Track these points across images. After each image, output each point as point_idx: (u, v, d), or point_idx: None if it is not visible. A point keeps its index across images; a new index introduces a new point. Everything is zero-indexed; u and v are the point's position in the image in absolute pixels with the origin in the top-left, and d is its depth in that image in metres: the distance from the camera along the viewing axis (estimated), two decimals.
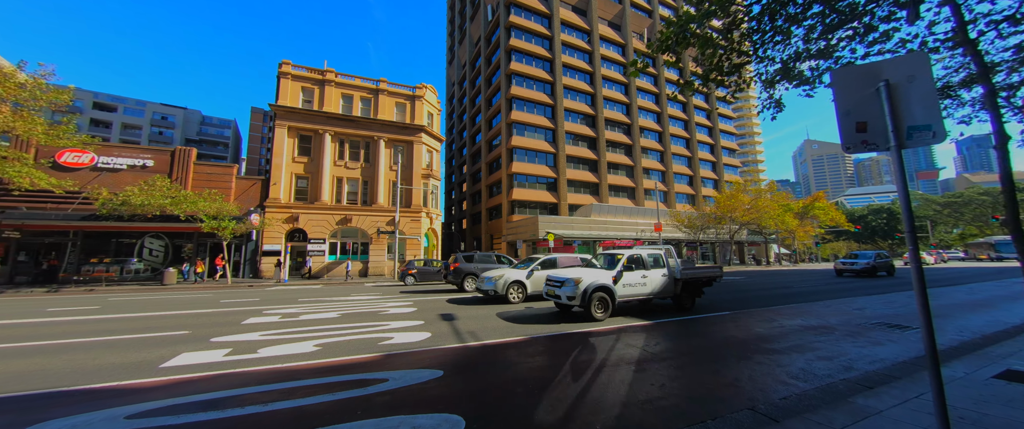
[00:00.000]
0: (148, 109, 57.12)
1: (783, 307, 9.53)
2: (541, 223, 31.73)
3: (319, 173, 25.13)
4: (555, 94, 42.48)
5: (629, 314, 8.48)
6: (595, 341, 6.00)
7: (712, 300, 10.82)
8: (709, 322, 7.57)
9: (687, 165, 53.16)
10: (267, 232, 23.22)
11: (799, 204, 43.78)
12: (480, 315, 8.49)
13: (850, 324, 7.30)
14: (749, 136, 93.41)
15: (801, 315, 8.30)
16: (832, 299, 11.05)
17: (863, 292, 12.73)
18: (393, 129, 27.54)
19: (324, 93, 26.15)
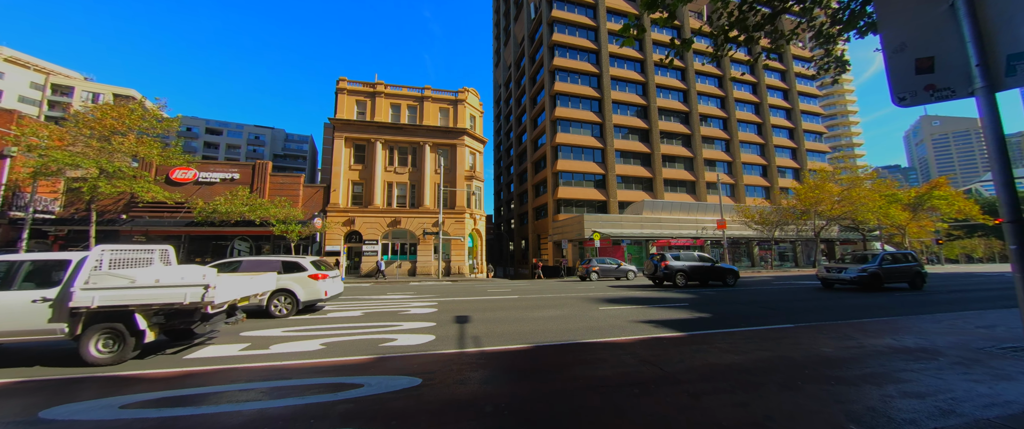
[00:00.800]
0: (244, 131, 67.05)
1: (869, 321, 7.66)
2: (587, 222, 30.41)
3: (372, 179, 26.97)
4: (602, 87, 40.57)
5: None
6: (603, 354, 5.28)
7: (764, 309, 9.16)
8: (757, 337, 6.31)
9: (760, 154, 47.15)
10: (328, 234, 25.53)
11: (911, 193, 36.13)
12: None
13: (967, 347, 5.53)
14: (842, 116, 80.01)
15: (893, 333, 6.54)
16: (945, 312, 8.66)
17: (988, 304, 9.83)
18: (437, 134, 28.52)
19: (375, 104, 28.03)
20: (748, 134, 46.53)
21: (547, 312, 9.01)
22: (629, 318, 8.20)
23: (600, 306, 10.02)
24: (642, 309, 9.33)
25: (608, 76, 40.64)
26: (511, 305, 10.34)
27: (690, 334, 6.58)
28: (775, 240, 35.95)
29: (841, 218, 33.24)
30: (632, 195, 39.16)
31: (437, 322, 7.79)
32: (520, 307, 9.89)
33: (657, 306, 9.90)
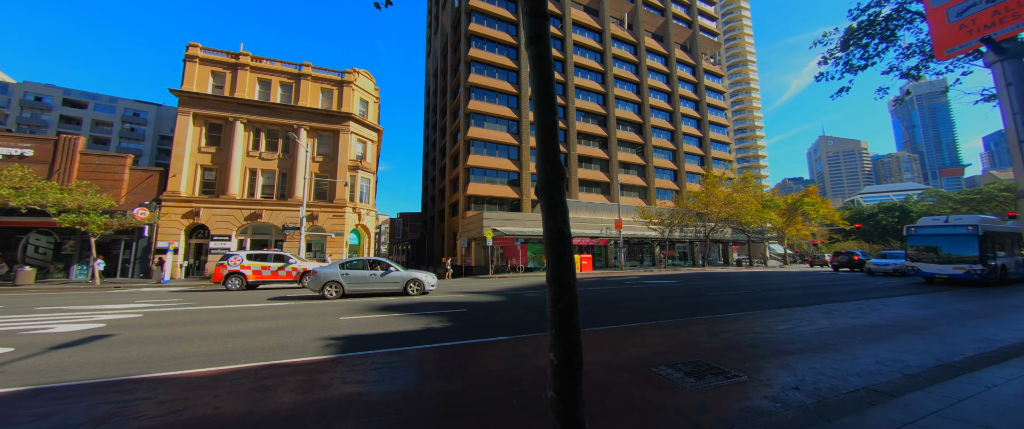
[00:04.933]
0: (119, 106, 56.53)
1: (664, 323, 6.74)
2: (486, 220, 29.10)
3: (228, 164, 23.03)
4: (520, 83, 39.73)
5: None
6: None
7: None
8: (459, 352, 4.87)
9: (671, 159, 49.69)
10: (162, 228, 21.22)
11: (785, 199, 39.96)
12: None
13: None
14: (750, 131, 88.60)
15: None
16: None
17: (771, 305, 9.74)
18: (317, 117, 25.28)
19: (237, 77, 24.05)
20: (661, 140, 48.77)
21: (263, 324, 7.04)
22: (347, 333, 6.49)
23: (345, 317, 8.25)
24: (392, 319, 7.72)
25: (527, 73, 39.84)
26: (255, 316, 8.19)
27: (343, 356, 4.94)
28: (673, 241, 37.66)
29: (728, 220, 35.64)
30: None
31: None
32: (256, 317, 7.80)
33: (418, 315, 8.38)
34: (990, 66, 3.74)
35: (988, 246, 13.68)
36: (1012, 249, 15.41)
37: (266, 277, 15.91)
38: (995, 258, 13.90)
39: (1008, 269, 14.48)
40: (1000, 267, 14.03)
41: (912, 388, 3.69)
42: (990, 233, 13.97)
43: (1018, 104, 3.52)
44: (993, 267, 13.59)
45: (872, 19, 7.87)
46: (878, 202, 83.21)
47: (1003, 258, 14.44)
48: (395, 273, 12.30)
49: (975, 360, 4.72)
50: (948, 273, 13.95)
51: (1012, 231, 15.67)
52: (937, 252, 14.69)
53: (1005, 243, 15.00)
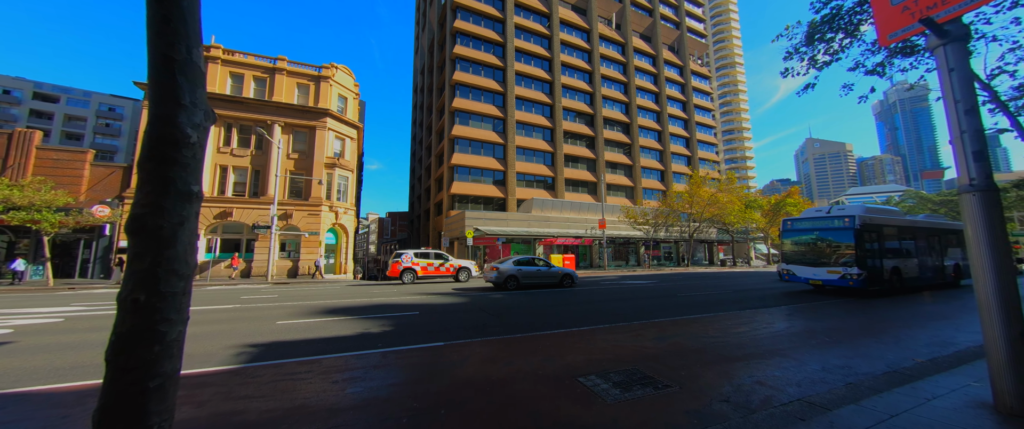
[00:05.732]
0: (94, 100, 54.64)
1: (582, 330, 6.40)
2: (468, 219, 28.66)
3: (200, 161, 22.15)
4: (506, 82, 39.32)
5: None
6: None
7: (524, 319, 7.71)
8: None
9: (658, 159, 49.78)
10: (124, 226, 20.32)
11: (769, 200, 40.27)
12: None
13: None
14: (738, 132, 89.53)
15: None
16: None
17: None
18: (292, 113, 24.54)
19: (207, 71, 23.18)
20: (648, 140, 48.81)
21: (193, 329, 6.53)
22: (273, 339, 6.02)
23: (282, 321, 7.78)
24: (332, 323, 7.27)
25: (513, 71, 39.49)
26: (198, 319, 7.67)
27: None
28: (659, 240, 37.65)
29: (713, 220, 35.74)
30: (534, 193, 38.43)
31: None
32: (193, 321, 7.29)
33: (365, 318, 7.94)
34: (932, 52, 3.46)
35: (871, 244, 10.87)
36: (920, 249, 12.77)
37: (430, 272, 18.55)
38: (881, 260, 10.98)
39: (904, 274, 11.59)
40: (891, 271, 11.14)
41: (849, 400, 3.39)
42: (874, 226, 11.09)
43: (960, 92, 3.24)
44: (876, 271, 10.65)
45: (835, 12, 7.65)
46: (861, 203, 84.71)
47: (898, 260, 11.63)
48: (553, 269, 14.92)
49: (925, 366, 4.46)
50: (821, 279, 11.04)
51: (916, 226, 13.02)
52: (813, 251, 11.81)
53: (904, 241, 12.39)
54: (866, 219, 10.97)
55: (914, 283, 12.16)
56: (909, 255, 12.41)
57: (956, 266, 14.30)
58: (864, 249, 10.67)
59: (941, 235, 14.10)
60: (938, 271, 13.40)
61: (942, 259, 13.81)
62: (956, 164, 3.28)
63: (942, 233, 14.20)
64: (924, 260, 12.88)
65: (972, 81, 3.30)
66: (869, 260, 10.68)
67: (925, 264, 12.87)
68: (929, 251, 13.27)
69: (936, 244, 13.79)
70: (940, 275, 13.44)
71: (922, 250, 12.98)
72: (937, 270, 13.36)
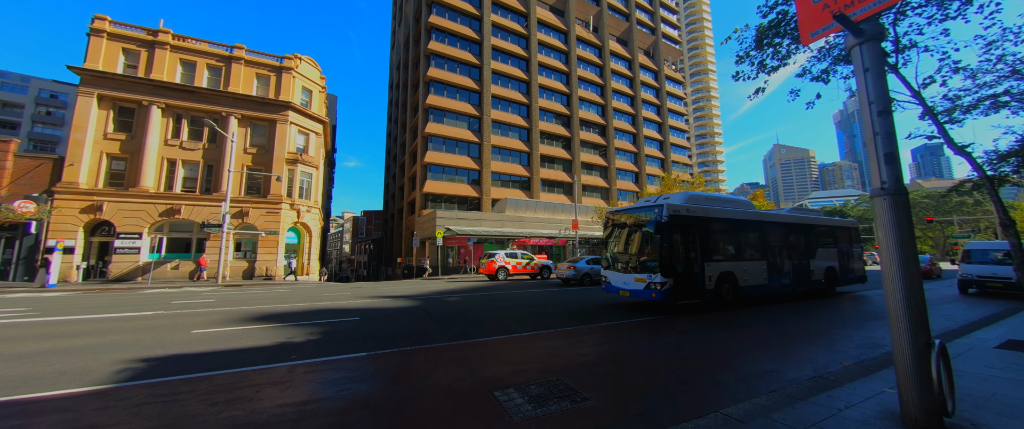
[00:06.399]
0: (33, 86, 50.08)
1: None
2: (440, 219, 28.05)
3: (141, 153, 20.56)
4: (482, 80, 38.86)
5: None
6: None
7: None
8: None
9: (633, 161, 50.64)
10: (55, 224, 18.55)
11: None
12: None
13: None
14: (710, 137, 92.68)
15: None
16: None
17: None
18: (250, 105, 23.18)
19: (154, 57, 21.55)
20: (623, 142, 49.57)
21: (81, 341, 5.78)
22: (177, 352, 5.40)
23: (199, 330, 7.12)
24: (257, 331, 6.68)
25: (489, 70, 39.08)
26: (84, 330, 6.84)
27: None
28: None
29: None
30: (509, 193, 38.15)
31: None
32: (86, 333, 6.48)
33: (293, 325, 7.39)
34: (848, 52, 3.38)
35: (685, 243, 8.49)
36: (773, 250, 10.49)
37: (520, 270, 19.97)
38: (703, 263, 8.63)
39: (744, 281, 9.32)
40: (719, 278, 8.80)
41: (775, 408, 3.24)
42: (689, 221, 8.63)
43: (874, 93, 3.16)
44: (689, 278, 8.37)
45: (781, 17, 7.72)
46: (821, 206, 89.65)
47: (732, 263, 9.29)
48: None
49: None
50: (629, 288, 8.56)
51: (764, 221, 10.56)
52: (626, 253, 9.22)
53: (747, 240, 10.02)
54: (677, 210, 8.42)
55: (760, 292, 9.80)
56: (754, 257, 9.95)
57: (830, 270, 12.06)
58: (671, 249, 8.17)
59: (807, 233, 11.77)
60: (801, 276, 11.10)
61: (809, 261, 11.46)
62: (869, 166, 3.19)
63: (808, 230, 11.84)
64: (779, 263, 10.53)
65: (886, 82, 3.22)
66: (680, 264, 8.31)
67: (780, 268, 10.48)
68: (788, 252, 10.94)
69: (800, 244, 11.42)
70: (803, 281, 11.12)
71: (776, 251, 10.60)
72: (800, 275, 11.07)
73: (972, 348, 5.42)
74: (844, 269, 12.72)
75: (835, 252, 12.57)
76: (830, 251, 12.43)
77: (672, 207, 8.40)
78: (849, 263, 13.09)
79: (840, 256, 12.67)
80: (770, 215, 11.19)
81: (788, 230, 11.29)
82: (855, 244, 13.57)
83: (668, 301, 8.01)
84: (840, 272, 12.47)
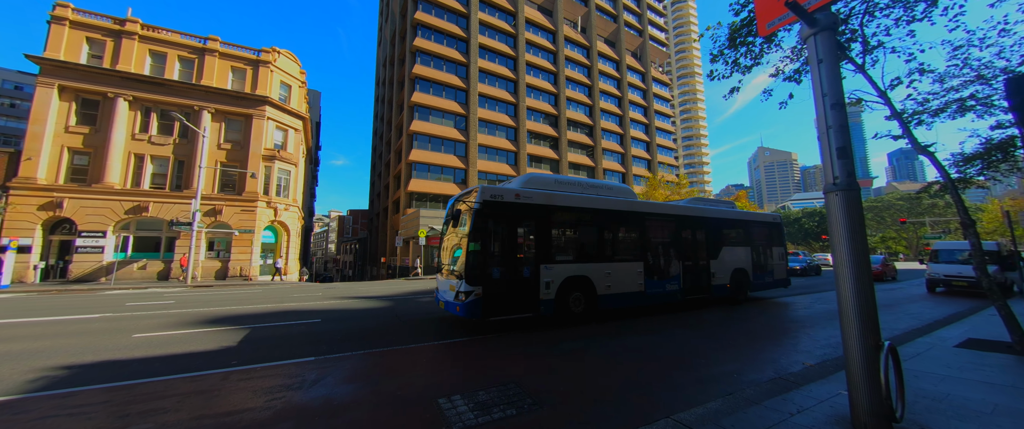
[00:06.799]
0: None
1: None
2: (424, 218, 27.65)
3: (106, 147, 19.61)
4: (469, 78, 38.51)
5: None
6: None
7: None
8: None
9: (620, 162, 50.95)
10: (10, 221, 17.53)
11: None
12: None
13: None
14: (696, 139, 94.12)
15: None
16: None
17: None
18: (224, 99, 22.37)
19: (121, 48, 20.59)
20: (610, 143, 49.84)
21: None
22: (104, 358, 5.02)
23: (142, 334, 6.71)
24: (215, 336, 6.31)
25: (476, 68, 38.76)
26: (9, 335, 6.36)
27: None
28: None
29: None
30: None
31: None
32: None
33: (253, 327, 7.03)
34: (804, 42, 3.27)
35: (509, 240, 6.63)
36: (654, 248, 8.59)
37: None
38: (536, 264, 6.68)
39: (605, 289, 7.40)
40: (563, 285, 6.84)
41: (726, 413, 3.09)
42: (513, 210, 6.63)
43: (828, 85, 3.05)
44: (510, 287, 6.40)
45: (753, 15, 7.68)
46: (803, 208, 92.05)
47: (583, 266, 7.25)
48: None
49: None
50: (444, 299, 6.85)
51: (642, 212, 8.60)
52: (448, 252, 7.41)
53: (612, 235, 8.07)
54: (497, 196, 6.41)
55: (631, 302, 7.82)
56: (624, 257, 8.02)
57: (739, 273, 10.19)
58: (483, 248, 6.17)
59: (708, 229, 9.79)
60: (696, 280, 9.16)
61: (708, 262, 9.56)
62: (822, 161, 3.07)
63: (709, 225, 9.85)
64: (662, 264, 8.69)
65: (840, 75, 3.11)
66: (496, 267, 6.26)
67: (663, 270, 8.60)
68: (677, 251, 9.00)
69: (696, 241, 9.51)
70: (699, 286, 9.22)
71: (660, 250, 8.78)
72: (695, 279, 9.12)
73: (933, 347, 5.44)
74: (759, 271, 10.84)
75: (747, 252, 10.68)
76: (740, 251, 10.53)
77: (489, 192, 6.36)
78: (766, 264, 11.18)
79: (754, 256, 10.80)
80: (649, 206, 9.05)
81: (679, 225, 9.25)
82: (776, 243, 11.84)
83: (474, 316, 5.90)
84: (753, 275, 10.60)
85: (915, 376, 4.02)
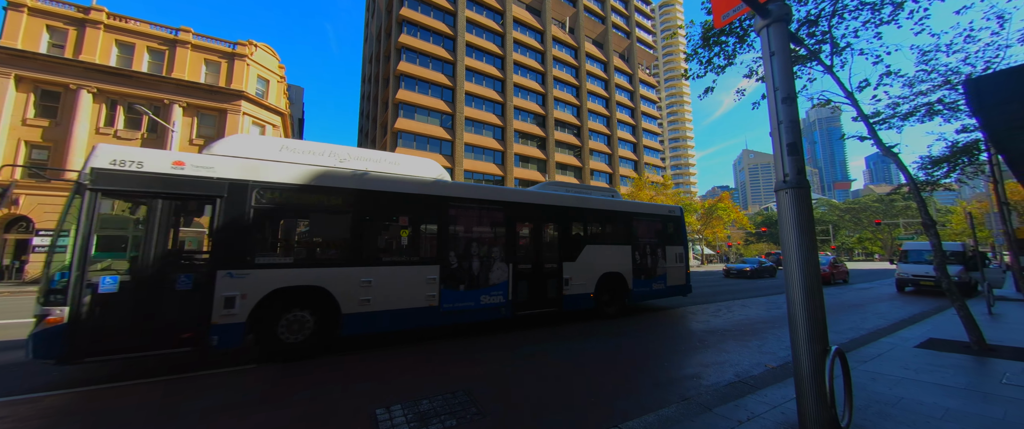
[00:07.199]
0: None
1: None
2: None
3: (67, 142, 18.65)
4: (455, 76, 38.15)
5: None
6: None
7: None
8: None
9: (607, 163, 51.25)
10: None
11: (703, 204, 43.01)
12: None
13: None
14: (682, 141, 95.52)
15: None
16: None
17: None
18: (197, 93, 21.55)
19: (85, 37, 19.63)
20: (597, 143, 50.09)
21: None
22: None
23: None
24: None
25: (463, 66, 38.41)
26: None
27: None
28: None
29: None
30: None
31: None
32: None
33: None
34: (757, 33, 3.16)
35: (117, 231, 5.68)
36: (450, 245, 6.29)
37: None
38: (168, 278, 4.48)
39: (355, 312, 5.24)
40: (264, 305, 4.71)
41: (677, 421, 2.94)
42: (132, 181, 4.47)
43: (780, 78, 2.93)
44: (106, 305, 4.11)
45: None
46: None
47: (326, 273, 5.18)
48: None
49: None
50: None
51: (388, 189, 5.93)
52: None
53: (339, 227, 5.63)
54: (118, 163, 4.45)
55: (410, 322, 5.69)
56: (395, 259, 5.91)
57: (612, 280, 8.06)
58: (79, 247, 4.25)
59: (559, 221, 7.63)
60: (537, 290, 7.08)
61: (559, 264, 7.37)
62: (774, 157, 2.95)
63: (560, 217, 7.65)
64: (474, 269, 6.42)
65: (791, 68, 3.00)
66: (108, 277, 4.29)
67: (475, 277, 6.38)
68: (505, 251, 6.76)
69: (540, 237, 7.42)
70: (542, 297, 7.12)
71: (469, 249, 6.47)
72: (534, 288, 7.05)
73: (894, 347, 5.44)
74: (644, 276, 8.63)
75: (626, 252, 8.43)
76: (614, 251, 8.26)
77: (110, 155, 4.40)
78: (654, 267, 8.93)
79: (638, 258, 8.61)
80: (450, 188, 6.47)
81: (508, 215, 6.88)
82: (673, 242, 9.59)
83: (52, 357, 3.82)
84: (635, 281, 8.41)
85: (872, 379, 3.97)
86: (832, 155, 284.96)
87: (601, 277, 7.89)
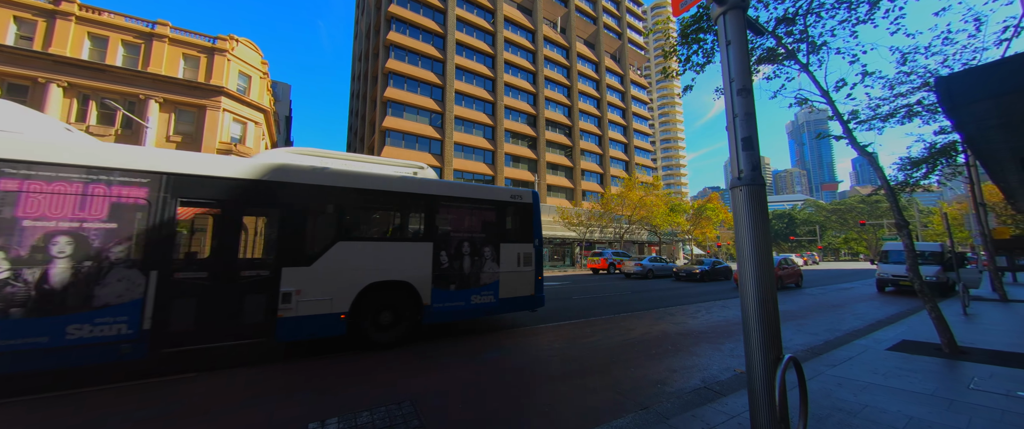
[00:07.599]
0: None
1: None
2: None
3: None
4: (445, 74, 37.78)
5: None
6: None
7: None
8: None
9: (598, 163, 51.29)
10: None
11: (693, 204, 43.25)
12: None
13: None
14: (673, 142, 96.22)
15: None
16: None
17: None
18: (174, 88, 20.91)
19: (55, 29, 18.90)
20: (589, 143, 50.09)
21: None
22: None
23: None
24: None
25: (453, 65, 38.06)
26: None
27: None
28: (592, 242, 38.61)
29: (643, 222, 37.41)
30: None
31: None
32: None
33: None
34: (714, 22, 2.99)
35: None
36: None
37: (619, 267, 23.78)
38: None
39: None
40: None
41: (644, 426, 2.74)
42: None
43: (736, 68, 2.76)
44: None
45: (702, 11, 7.53)
46: (772, 210, 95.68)
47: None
48: (669, 264, 20.70)
49: None
50: None
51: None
52: None
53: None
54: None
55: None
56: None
57: (385, 292, 5.63)
58: None
59: (279, 207, 5.06)
60: (209, 314, 4.47)
61: (276, 273, 4.84)
62: (729, 153, 2.78)
63: (282, 199, 5.05)
64: (69, 282, 3.81)
65: (748, 58, 2.83)
66: None
67: (67, 297, 3.79)
68: (141, 258, 4.12)
69: (233, 231, 4.82)
70: (219, 326, 4.49)
71: (77, 252, 3.85)
72: (207, 310, 4.48)
73: (867, 350, 5.35)
74: (453, 286, 6.16)
75: (426, 252, 5.99)
76: (400, 250, 5.80)
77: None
78: (475, 274, 6.42)
79: (445, 260, 6.16)
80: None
81: (169, 192, 4.37)
82: (513, 239, 7.02)
83: None
84: (437, 293, 5.96)
85: (838, 384, 3.84)
86: (820, 157, 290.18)
87: (367, 288, 5.38)
